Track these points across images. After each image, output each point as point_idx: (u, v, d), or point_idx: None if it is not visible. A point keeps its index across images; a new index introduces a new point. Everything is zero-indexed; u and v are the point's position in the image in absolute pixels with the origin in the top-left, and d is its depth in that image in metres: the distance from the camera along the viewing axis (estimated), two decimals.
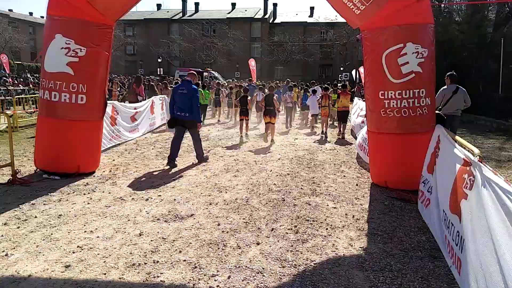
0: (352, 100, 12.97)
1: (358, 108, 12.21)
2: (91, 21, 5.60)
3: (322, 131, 10.85)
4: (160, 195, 4.91)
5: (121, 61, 52.73)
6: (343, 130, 10.64)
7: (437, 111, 5.80)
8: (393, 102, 5.31)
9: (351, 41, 44.91)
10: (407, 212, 4.53)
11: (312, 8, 56.87)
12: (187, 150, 8.23)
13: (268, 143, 9.24)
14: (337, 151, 8.61)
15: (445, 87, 6.94)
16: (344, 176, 6.28)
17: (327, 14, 53.32)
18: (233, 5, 58.68)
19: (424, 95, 5.27)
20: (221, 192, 5.14)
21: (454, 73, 7.05)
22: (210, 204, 4.60)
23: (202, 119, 7.43)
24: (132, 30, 57.54)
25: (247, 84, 16.41)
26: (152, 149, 8.39)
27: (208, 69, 37.56)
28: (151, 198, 4.78)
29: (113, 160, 7.10)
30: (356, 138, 9.73)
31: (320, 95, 11.77)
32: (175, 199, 4.75)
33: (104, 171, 6.20)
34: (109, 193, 4.99)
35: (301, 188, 5.41)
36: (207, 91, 13.56)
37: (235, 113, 13.28)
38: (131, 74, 40.80)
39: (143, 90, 13.08)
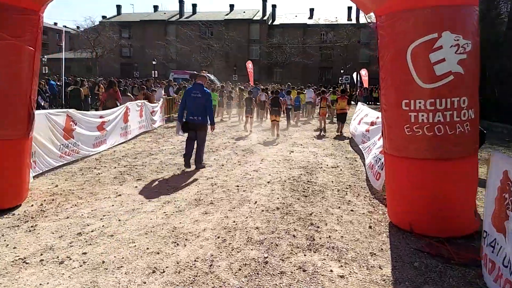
0: (349, 103, 14.84)
1: (361, 114, 10.73)
2: (5, 3, 4.08)
3: (321, 128, 12.76)
4: (85, 253, 3.35)
5: (116, 63, 51.24)
6: (342, 128, 12.09)
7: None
8: (423, 116, 3.78)
9: (352, 43, 43.58)
10: (452, 285, 2.99)
11: (311, 10, 55.60)
12: (156, 170, 6.69)
13: (274, 137, 10.88)
14: (341, 170, 7.07)
15: None
16: (351, 210, 4.74)
17: (327, 15, 52.14)
18: (231, 6, 57.38)
19: (466, 106, 3.75)
20: (177, 245, 3.58)
21: None
22: (154, 272, 3.05)
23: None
24: (128, 32, 56.13)
25: (252, 87, 18.18)
26: (114, 168, 6.85)
27: (204, 71, 36.05)
28: (69, 259, 3.22)
29: (56, 186, 5.55)
30: (353, 147, 8.27)
31: (320, 98, 14.02)
32: (104, 262, 3.19)
33: (32, 205, 4.65)
34: (14, 248, 3.43)
35: (294, 236, 3.86)
36: (215, 94, 15.23)
37: (242, 112, 14.46)
38: (126, 77, 39.38)
39: (120, 94, 11.94)
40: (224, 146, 9.52)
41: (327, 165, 7.52)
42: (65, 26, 64.71)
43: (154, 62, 39.84)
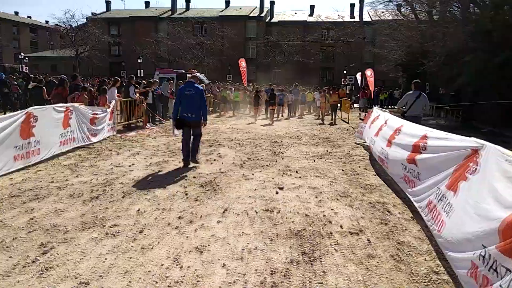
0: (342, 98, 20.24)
1: (387, 129, 7.05)
2: None
3: (320, 117, 16.69)
4: None
5: (104, 62, 47.70)
6: (334, 117, 16.07)
7: None
8: None
9: (356, 40, 40.16)
10: None
11: (312, 7, 52.33)
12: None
13: (270, 122, 15.00)
14: (369, 242, 3.62)
15: (410, 92, 8.05)
16: None
17: (328, 13, 48.77)
18: (227, 3, 54.15)
19: None
20: None
21: (419, 81, 8.42)
22: None
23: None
24: (117, 29, 52.79)
25: (267, 88, 19.41)
26: None
27: (193, 70, 32.64)
28: None
29: None
30: (378, 172, 4.80)
31: (320, 95, 17.71)
32: None
33: None
34: None
35: None
36: (237, 93, 19.21)
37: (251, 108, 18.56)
38: (115, 75, 35.72)
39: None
40: (176, 173, 6.08)
41: (341, 226, 4.06)
42: (56, 25, 61.28)
43: (139, 60, 36.49)
